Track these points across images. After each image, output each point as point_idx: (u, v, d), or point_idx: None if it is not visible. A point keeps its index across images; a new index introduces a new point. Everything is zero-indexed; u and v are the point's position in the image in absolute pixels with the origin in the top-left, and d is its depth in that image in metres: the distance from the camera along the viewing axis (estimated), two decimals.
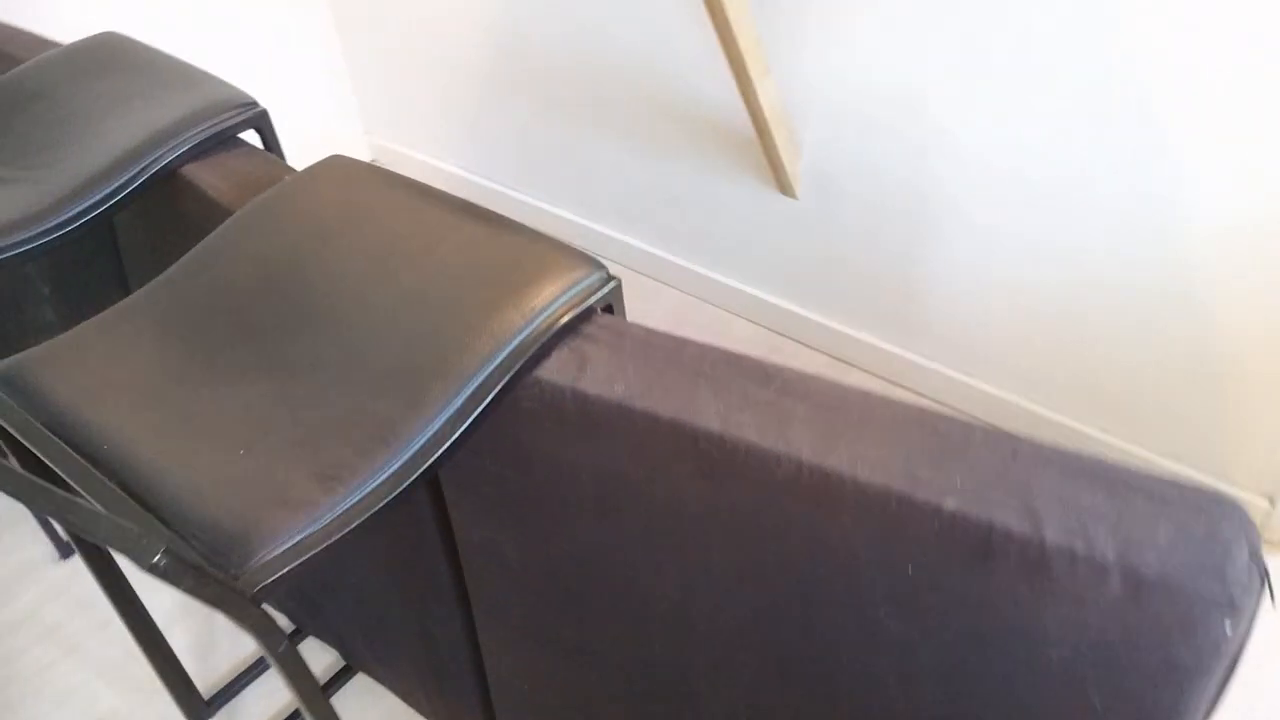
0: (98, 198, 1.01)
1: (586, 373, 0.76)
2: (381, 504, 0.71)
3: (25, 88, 1.18)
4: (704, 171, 1.77)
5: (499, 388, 0.76)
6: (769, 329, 1.88)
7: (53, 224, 0.99)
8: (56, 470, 0.72)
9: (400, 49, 2.14)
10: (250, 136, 1.15)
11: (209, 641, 1.45)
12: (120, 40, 1.26)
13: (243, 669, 1.41)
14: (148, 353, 0.81)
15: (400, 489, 0.71)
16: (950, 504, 0.63)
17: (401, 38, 2.11)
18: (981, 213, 1.46)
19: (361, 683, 1.37)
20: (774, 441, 0.69)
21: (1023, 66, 1.29)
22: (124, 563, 0.69)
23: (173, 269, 0.90)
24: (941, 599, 0.66)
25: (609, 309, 0.84)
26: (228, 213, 0.98)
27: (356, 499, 0.70)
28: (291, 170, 1.05)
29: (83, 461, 0.72)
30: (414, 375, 0.75)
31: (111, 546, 0.56)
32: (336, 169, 0.97)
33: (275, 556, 0.66)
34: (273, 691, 1.38)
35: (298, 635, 1.43)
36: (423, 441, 0.73)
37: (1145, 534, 0.61)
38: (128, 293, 1.31)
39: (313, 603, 1.35)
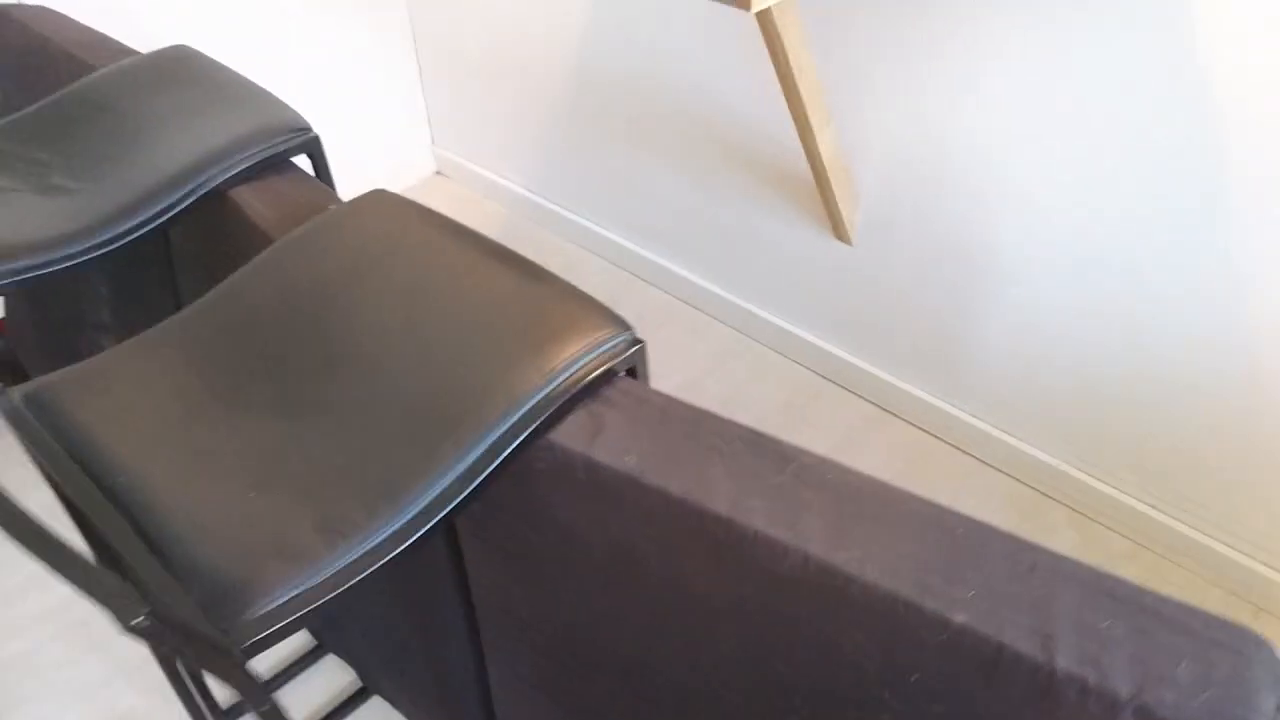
0: (146, 216, 1.03)
1: (600, 440, 0.75)
2: (384, 560, 0.70)
3: (93, 98, 1.21)
4: (759, 209, 1.75)
5: (511, 448, 0.75)
6: (814, 371, 1.85)
7: (100, 240, 1.01)
8: (72, 499, 0.73)
9: (472, 66, 2.16)
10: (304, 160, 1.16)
11: None
12: (189, 54, 1.29)
13: (266, 679, 1.42)
14: (172, 383, 0.82)
15: (403, 546, 0.71)
16: (960, 617, 0.61)
17: (475, 56, 2.13)
18: (1038, 274, 1.41)
19: (376, 705, 1.38)
20: (783, 531, 0.67)
21: (1091, 131, 1.25)
22: None
23: (207, 296, 0.91)
24: (945, 711, 0.64)
25: (632, 371, 0.83)
26: (269, 239, 0.99)
27: (357, 554, 0.69)
28: (336, 199, 1.05)
29: (98, 494, 0.73)
30: (427, 429, 0.75)
31: (93, 600, 0.56)
32: (377, 204, 0.97)
33: (271, 610, 0.66)
34: (290, 707, 1.39)
35: (319, 651, 1.44)
36: (429, 500, 0.72)
37: (1165, 669, 0.57)
38: (178, 302, 1.34)
39: (335, 622, 1.35)
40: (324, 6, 2.06)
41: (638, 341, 0.82)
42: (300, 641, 1.47)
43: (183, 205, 1.05)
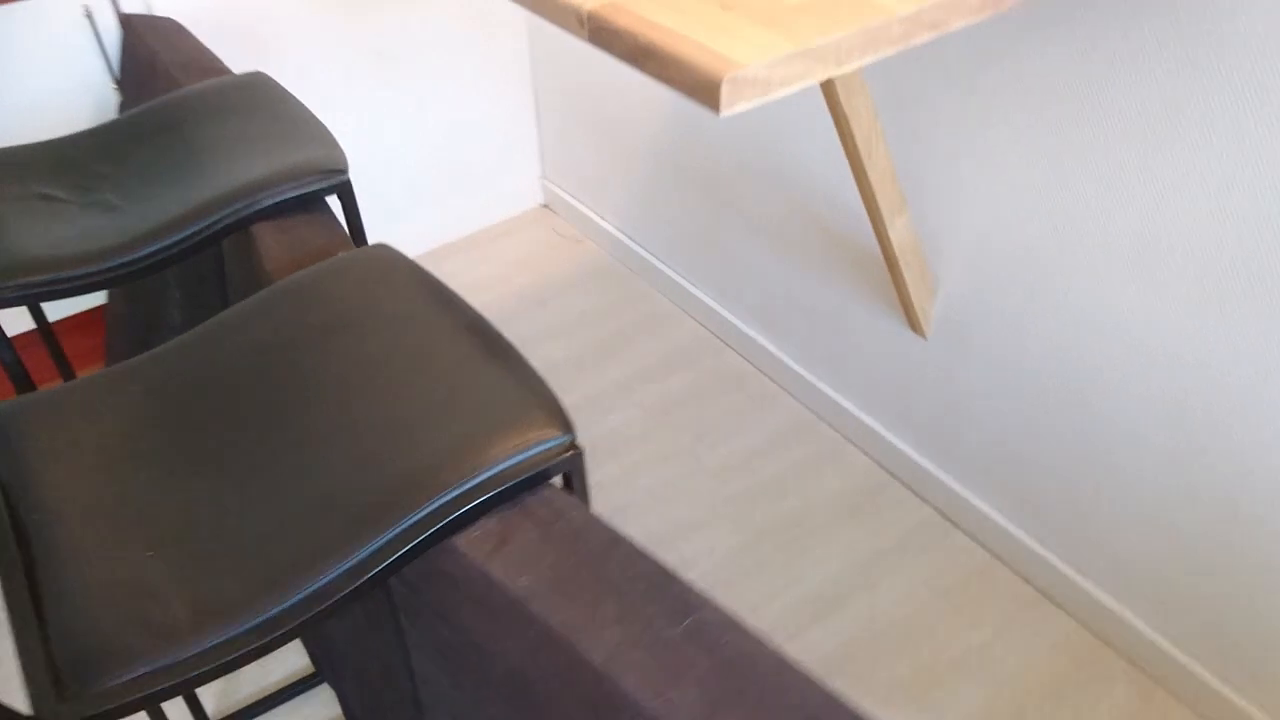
0: (168, 243, 1.05)
1: (503, 553, 0.70)
2: (253, 647, 0.67)
3: (163, 117, 1.25)
4: (838, 289, 1.66)
5: (407, 549, 0.71)
6: (878, 463, 1.74)
7: (117, 263, 1.03)
8: None
9: (587, 104, 2.15)
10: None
11: None
12: (262, 83, 1.32)
13: (258, 699, 1.43)
14: (123, 424, 0.82)
15: (274, 636, 0.68)
16: None
17: (590, 94, 2.12)
18: (1122, 408, 1.27)
19: None
20: (650, 699, 0.60)
21: (1212, 260, 1.11)
22: None
23: (188, 335, 0.91)
24: None
25: (571, 477, 0.78)
26: (270, 280, 0.99)
27: (223, 639, 0.67)
28: (346, 247, 1.05)
29: (8, 525, 0.73)
30: (332, 517, 0.72)
31: None
32: (373, 261, 0.96)
33: (122, 684, 0.64)
34: None
35: (313, 679, 1.44)
36: (310, 591, 0.69)
37: None
38: None
39: (329, 653, 1.35)
40: (446, 32, 2.10)
41: (574, 449, 0.77)
42: (300, 664, 1.47)
43: (203, 236, 1.06)
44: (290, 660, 1.48)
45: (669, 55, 0.69)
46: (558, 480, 0.79)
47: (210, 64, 1.48)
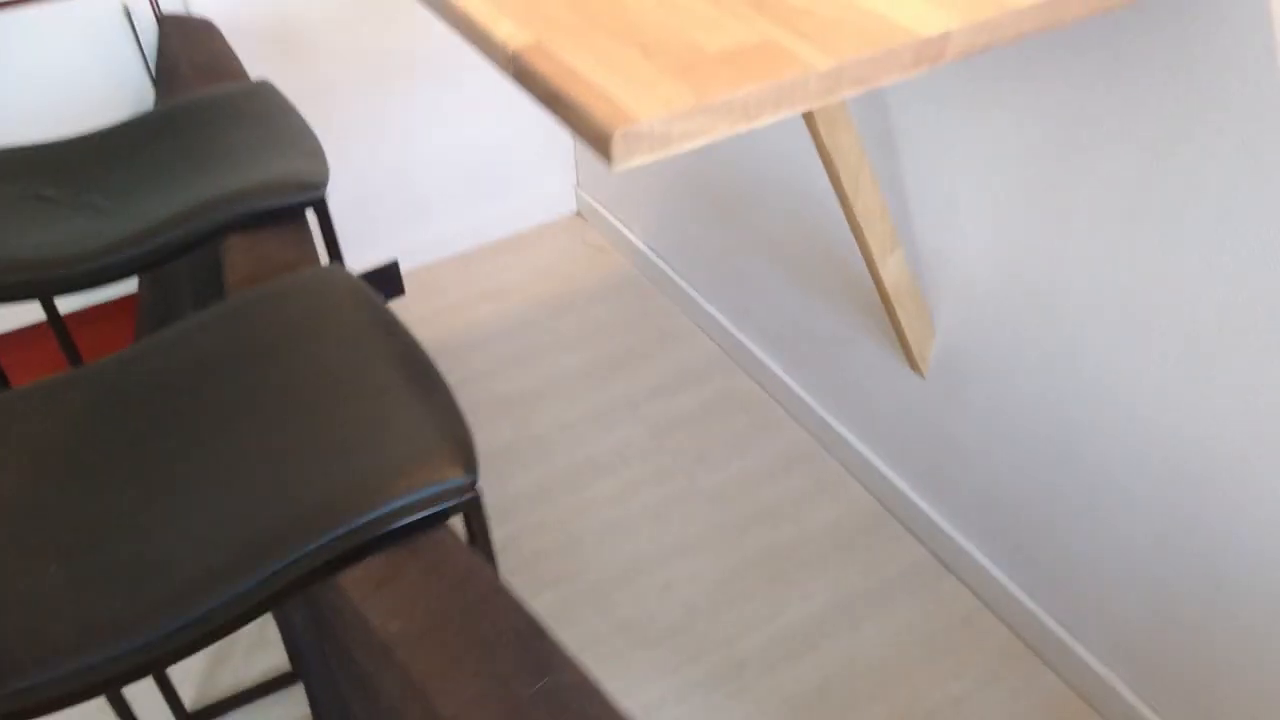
0: (142, 250, 1.07)
1: (379, 594, 0.70)
2: (135, 667, 0.69)
3: (158, 124, 1.29)
4: (845, 320, 1.63)
5: (294, 580, 0.71)
6: (876, 498, 1.70)
7: (91, 268, 1.06)
8: None
9: None
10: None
11: (223, 655, 1.53)
12: (265, 91, 1.35)
13: (237, 692, 1.47)
14: (57, 430, 0.85)
15: (154, 658, 0.69)
16: None
17: None
18: (1115, 466, 1.22)
19: None
20: None
21: (1191, 310, 1.06)
22: None
23: (138, 345, 0.94)
24: None
25: (472, 518, 0.78)
26: (231, 293, 1.01)
27: (106, 656, 0.68)
28: (312, 264, 1.06)
29: None
30: (228, 542, 0.73)
31: None
32: (322, 284, 0.97)
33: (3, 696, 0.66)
34: None
35: (292, 679, 1.47)
36: (193, 616, 0.70)
37: None
38: None
39: (300, 654, 1.38)
40: None
41: (471, 492, 0.76)
42: (281, 660, 1.50)
43: (178, 244, 1.09)
44: (274, 656, 1.51)
45: (573, 103, 0.68)
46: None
47: (227, 68, 1.52)
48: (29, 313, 1.82)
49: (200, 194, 1.12)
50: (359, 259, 2.20)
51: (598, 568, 1.62)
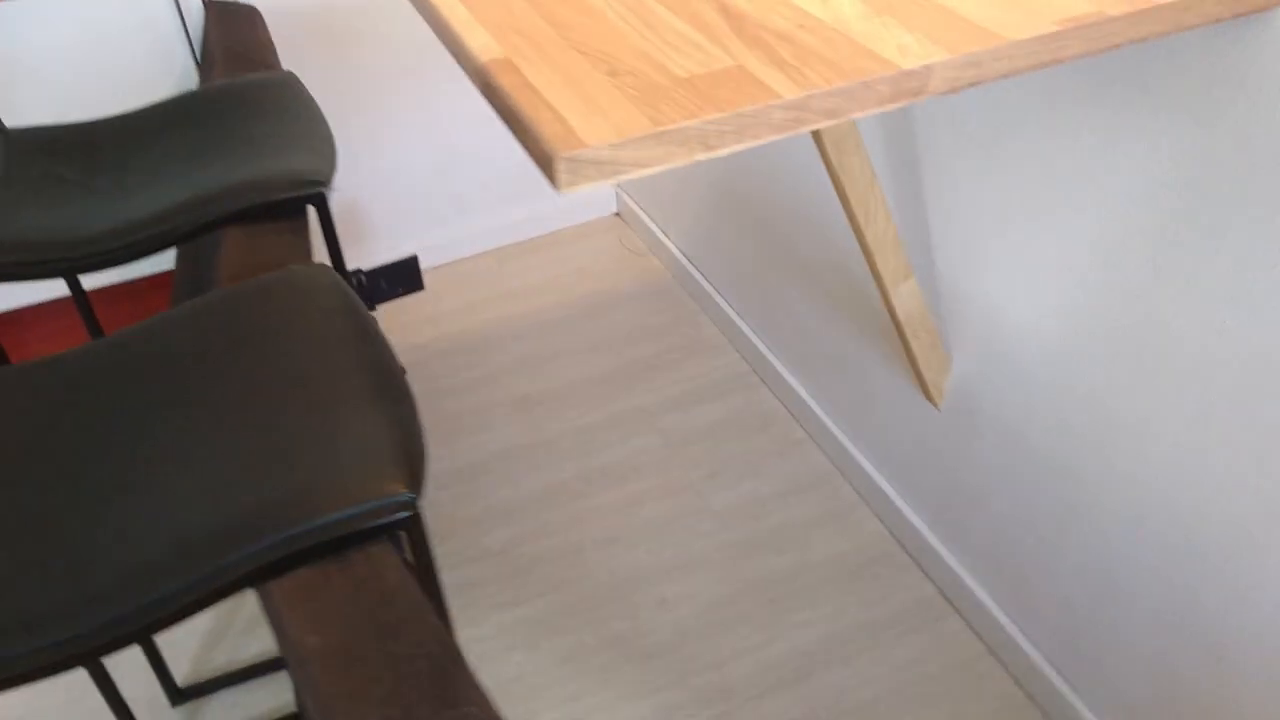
0: (131, 240, 1.08)
1: (303, 607, 0.69)
2: (46, 666, 0.69)
3: (178, 111, 1.30)
4: (863, 346, 1.59)
5: (222, 585, 0.71)
6: (888, 530, 1.66)
7: (84, 253, 1.07)
8: None
9: None
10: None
11: (219, 634, 1.55)
12: (288, 84, 1.35)
13: (229, 672, 1.48)
14: (26, 414, 0.86)
15: (65, 657, 0.69)
16: None
17: None
18: (1125, 521, 1.17)
19: None
20: None
21: (1206, 367, 1.01)
22: None
23: (117, 334, 0.95)
24: None
25: (412, 534, 0.76)
26: (219, 285, 1.01)
27: (13, 654, 0.69)
28: (304, 260, 1.06)
29: None
30: (159, 543, 0.73)
31: None
32: (303, 283, 0.97)
33: None
34: (238, 705, 1.45)
35: (280, 665, 1.48)
36: (110, 618, 0.70)
37: None
38: None
39: None
40: None
41: (410, 508, 0.75)
42: (274, 644, 1.52)
43: (176, 234, 1.10)
44: (270, 638, 1.53)
45: (525, 122, 0.66)
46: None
47: (260, 57, 1.53)
48: (54, 288, 1.87)
49: (201, 186, 1.13)
50: (391, 252, 2.22)
51: (594, 578, 1.61)
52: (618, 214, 2.48)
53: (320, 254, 1.17)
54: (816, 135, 1.10)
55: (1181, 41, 0.91)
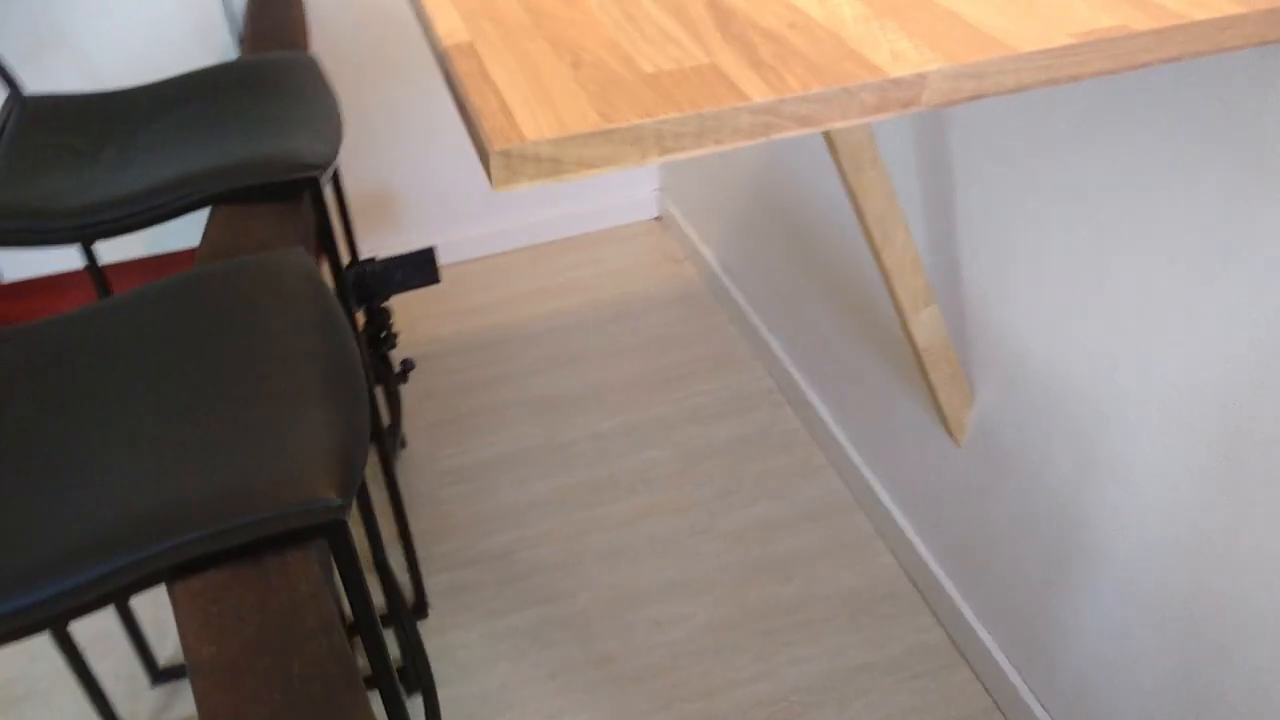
0: (122, 214, 1.06)
1: (205, 614, 0.65)
2: None
3: (195, 85, 1.29)
4: (889, 374, 1.51)
5: (131, 581, 0.67)
6: (901, 566, 1.57)
7: (74, 224, 1.06)
8: None
9: None
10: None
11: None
12: (304, 65, 1.33)
13: None
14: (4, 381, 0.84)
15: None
16: None
17: None
18: (1142, 579, 1.08)
19: None
20: None
21: (1227, 418, 0.92)
22: None
23: (81, 309, 0.92)
24: None
25: (338, 543, 0.72)
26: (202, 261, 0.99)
27: None
28: (289, 248, 1.03)
29: None
30: (78, 530, 0.70)
31: None
32: (277, 269, 0.94)
33: None
34: None
35: None
36: (24, 603, 0.67)
37: None
38: None
39: None
40: None
41: (336, 514, 0.71)
42: None
43: (164, 211, 1.08)
44: None
45: (470, 111, 0.61)
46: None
47: (288, 38, 1.52)
48: (71, 258, 1.88)
49: (195, 163, 1.11)
50: (421, 243, 2.20)
51: (590, 591, 1.55)
52: (658, 218, 2.43)
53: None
54: (831, 146, 1.03)
55: (1227, 62, 0.83)
